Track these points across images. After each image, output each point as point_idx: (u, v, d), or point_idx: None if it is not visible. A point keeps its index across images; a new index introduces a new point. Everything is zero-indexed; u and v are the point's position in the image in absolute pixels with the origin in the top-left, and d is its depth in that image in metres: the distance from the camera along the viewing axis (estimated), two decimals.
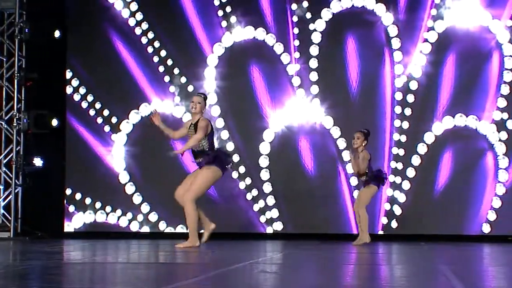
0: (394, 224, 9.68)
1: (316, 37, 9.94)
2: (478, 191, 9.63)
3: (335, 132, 9.84)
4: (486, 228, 9.57)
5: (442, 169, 9.69)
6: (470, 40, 9.76)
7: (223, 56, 10.08)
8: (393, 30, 9.83)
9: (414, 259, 6.69)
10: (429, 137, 9.70)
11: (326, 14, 9.94)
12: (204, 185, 7.70)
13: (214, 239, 9.26)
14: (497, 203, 9.55)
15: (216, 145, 8.09)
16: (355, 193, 9.68)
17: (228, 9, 10.05)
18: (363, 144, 8.66)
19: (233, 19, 10.04)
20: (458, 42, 9.78)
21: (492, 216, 9.54)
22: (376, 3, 9.86)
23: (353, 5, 9.93)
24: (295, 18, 9.98)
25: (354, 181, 9.73)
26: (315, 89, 9.92)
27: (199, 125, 7.64)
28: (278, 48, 9.98)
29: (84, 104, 10.20)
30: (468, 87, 9.72)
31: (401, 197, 9.69)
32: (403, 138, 9.73)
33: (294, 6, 9.99)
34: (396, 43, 9.83)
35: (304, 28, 9.95)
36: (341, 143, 9.80)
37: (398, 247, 8.17)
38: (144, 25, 10.19)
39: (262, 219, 9.91)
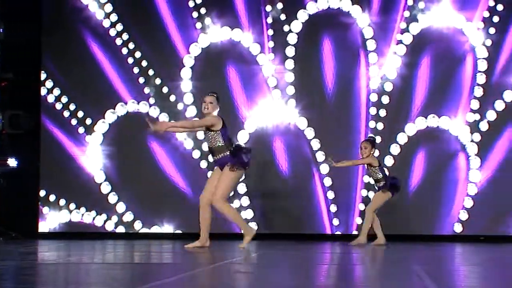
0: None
1: (292, 38, 9.99)
2: (450, 191, 9.73)
3: (309, 133, 9.90)
4: (458, 228, 9.68)
5: (415, 170, 9.79)
6: (444, 42, 9.86)
7: (200, 56, 10.10)
8: (368, 32, 9.91)
9: (387, 259, 6.75)
10: (402, 138, 9.80)
11: (302, 15, 10.00)
12: (229, 186, 7.75)
13: (191, 239, 9.29)
14: (469, 203, 9.66)
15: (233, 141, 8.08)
16: (330, 194, 9.76)
17: (203, 10, 10.07)
18: (372, 153, 8.80)
19: (207, 20, 10.06)
20: (432, 44, 9.88)
21: (464, 216, 9.64)
22: (352, 4, 9.94)
23: (329, 7, 10.00)
24: (269, 20, 10.02)
25: (328, 181, 9.81)
26: (291, 90, 9.97)
27: (204, 118, 7.73)
28: (254, 49, 10.03)
29: (59, 106, 10.16)
30: (442, 88, 9.83)
31: None
32: (378, 139, 9.80)
33: (268, 8, 10.04)
34: (371, 44, 9.91)
35: (279, 30, 9.99)
36: (315, 144, 9.85)
37: (372, 247, 8.23)
38: (119, 27, 10.18)
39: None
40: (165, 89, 10.08)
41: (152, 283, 4.44)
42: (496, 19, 9.77)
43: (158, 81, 10.10)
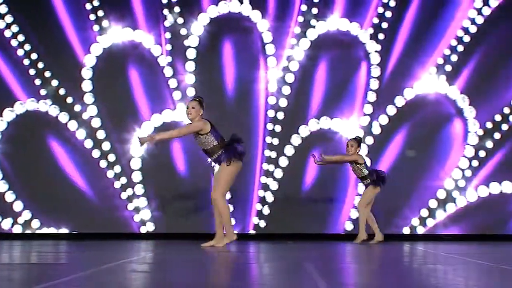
0: (262, 223, 10.00)
1: (193, 41, 10.11)
2: (342, 190, 10.09)
3: None
4: (349, 226, 10.06)
5: (308, 171, 10.08)
6: (341, 48, 10.17)
7: (101, 56, 10.07)
8: (267, 36, 10.15)
9: (282, 257, 6.91)
10: (296, 140, 10.07)
11: (204, 19, 10.13)
12: (228, 181, 7.91)
13: (88, 239, 9.27)
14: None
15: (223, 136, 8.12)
16: (226, 194, 9.91)
17: (101, 13, 10.05)
18: (357, 151, 9.14)
19: (105, 23, 10.04)
20: (329, 50, 10.19)
21: (355, 214, 10.02)
22: (252, 9, 10.15)
23: (229, 11, 10.17)
24: (167, 23, 10.10)
25: None
26: (191, 91, 10.10)
27: (190, 124, 7.86)
28: (156, 50, 10.08)
29: None
30: (338, 93, 10.15)
31: (269, 197, 10.03)
32: (275, 141, 10.06)
33: (166, 11, 10.10)
34: (270, 48, 10.14)
35: (177, 32, 10.08)
36: None
37: (267, 246, 8.41)
38: (14, 28, 10.04)
39: (137, 218, 10.00)
40: (62, 91, 9.99)
41: (48, 283, 4.44)
42: (385, 25, 10.18)
43: (55, 82, 10.02)
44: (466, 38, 10.18)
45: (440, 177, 10.10)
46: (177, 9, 10.12)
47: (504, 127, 10.16)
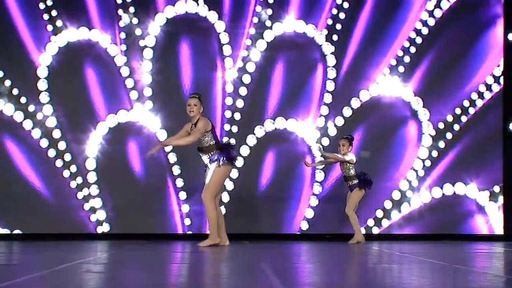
0: None
1: (150, 41, 10.08)
2: (297, 190, 10.13)
3: (163, 134, 10.01)
4: (305, 226, 10.12)
5: (264, 171, 10.12)
6: (297, 49, 10.22)
7: (56, 56, 9.97)
8: (224, 37, 10.16)
9: (237, 257, 6.95)
10: (251, 140, 10.09)
11: (161, 19, 10.10)
12: (218, 182, 7.95)
13: (44, 240, 9.16)
14: (314, 202, 10.12)
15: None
16: (181, 195, 9.91)
17: (54, 12, 9.96)
18: (349, 150, 9.17)
19: (59, 22, 9.95)
20: (286, 51, 10.24)
21: (310, 214, 10.08)
22: (209, 10, 10.15)
23: (186, 11, 10.16)
24: (121, 23, 10.05)
25: (179, 183, 9.95)
26: (148, 91, 10.05)
27: (197, 126, 7.90)
28: (112, 50, 10.02)
29: None
30: (294, 94, 10.21)
31: (225, 197, 10.04)
32: (232, 142, 10.07)
33: (120, 12, 10.05)
34: (227, 50, 10.16)
35: (132, 33, 10.03)
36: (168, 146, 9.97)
37: (224, 246, 8.42)
38: None
39: (93, 218, 9.92)
40: (15, 91, 9.89)
41: (1, 284, 4.42)
42: (339, 26, 10.27)
43: (8, 82, 9.91)
44: (419, 40, 10.33)
45: (395, 178, 10.22)
46: (132, 9, 10.06)
47: (456, 127, 10.33)
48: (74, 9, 10.00)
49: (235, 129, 10.11)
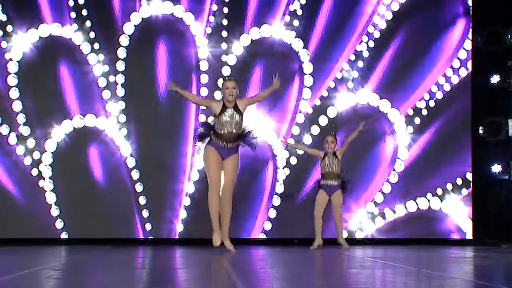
0: (180, 227, 9.88)
1: (124, 41, 10.00)
2: (258, 194, 10.00)
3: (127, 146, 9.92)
4: (268, 226, 10.00)
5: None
6: (274, 55, 10.10)
7: (28, 52, 9.86)
8: (200, 39, 10.09)
9: (201, 263, 6.92)
10: None
11: (136, 19, 10.03)
12: (206, 167, 7.84)
13: (19, 245, 9.03)
14: (277, 202, 10.02)
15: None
16: (141, 199, 9.79)
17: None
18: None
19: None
20: (263, 57, 10.11)
21: (273, 215, 9.99)
22: (185, 11, 10.09)
23: (162, 13, 10.09)
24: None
25: (139, 187, 9.82)
26: (121, 92, 9.97)
27: (248, 99, 7.92)
28: (84, 48, 9.94)
29: None
30: (271, 101, 9.99)
31: (186, 201, 9.93)
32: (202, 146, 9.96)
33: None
34: (203, 52, 10.09)
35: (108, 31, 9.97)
36: (129, 149, 9.88)
37: (186, 251, 8.37)
38: None
39: (58, 225, 9.78)
40: None
41: None
42: (296, 23, 10.16)
43: None
44: (377, 34, 10.29)
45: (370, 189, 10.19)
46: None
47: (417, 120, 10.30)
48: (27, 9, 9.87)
49: None
